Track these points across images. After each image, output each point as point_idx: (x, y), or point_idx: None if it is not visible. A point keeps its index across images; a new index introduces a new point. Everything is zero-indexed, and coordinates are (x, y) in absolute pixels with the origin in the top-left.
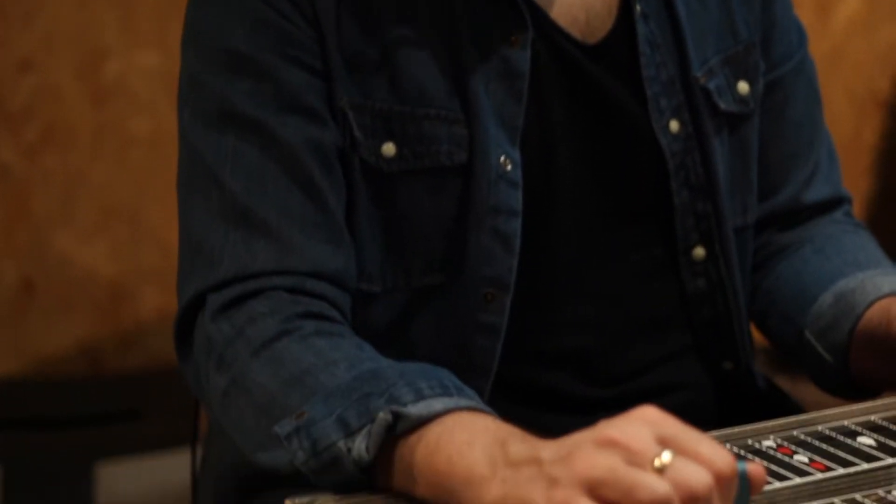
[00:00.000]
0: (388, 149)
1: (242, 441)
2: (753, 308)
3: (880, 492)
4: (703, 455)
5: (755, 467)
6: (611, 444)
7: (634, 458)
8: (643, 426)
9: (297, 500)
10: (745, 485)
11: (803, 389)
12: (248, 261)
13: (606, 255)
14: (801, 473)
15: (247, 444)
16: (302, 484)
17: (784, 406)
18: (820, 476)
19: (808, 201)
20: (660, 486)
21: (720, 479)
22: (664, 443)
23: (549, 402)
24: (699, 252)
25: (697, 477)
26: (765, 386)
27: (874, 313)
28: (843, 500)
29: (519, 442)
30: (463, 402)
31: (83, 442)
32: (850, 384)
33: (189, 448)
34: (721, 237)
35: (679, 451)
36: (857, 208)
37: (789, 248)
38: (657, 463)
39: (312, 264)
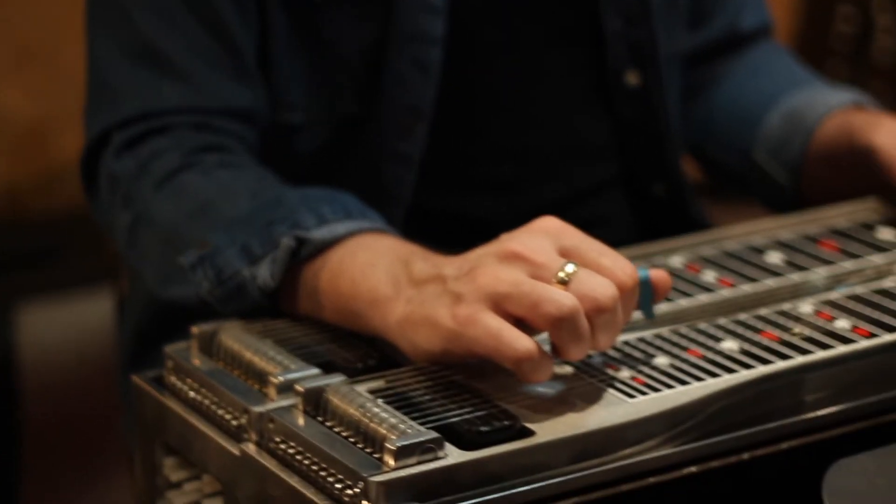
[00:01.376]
0: None
1: (149, 275)
2: (689, 140)
3: (785, 306)
4: (605, 266)
5: (658, 273)
6: (514, 258)
7: (538, 272)
8: (545, 238)
9: (203, 328)
10: (649, 290)
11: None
12: (154, 98)
13: (533, 80)
14: (709, 290)
15: (153, 277)
16: (211, 315)
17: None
18: (727, 293)
19: (742, 28)
20: (566, 298)
21: (623, 289)
22: (566, 254)
23: (469, 235)
24: (632, 79)
25: (602, 288)
26: (698, 216)
27: (829, 127)
28: (747, 316)
29: (421, 260)
30: (366, 224)
31: (3, 284)
32: (800, 200)
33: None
34: (654, 65)
35: (581, 262)
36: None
37: (723, 75)
38: (561, 275)
39: (218, 101)
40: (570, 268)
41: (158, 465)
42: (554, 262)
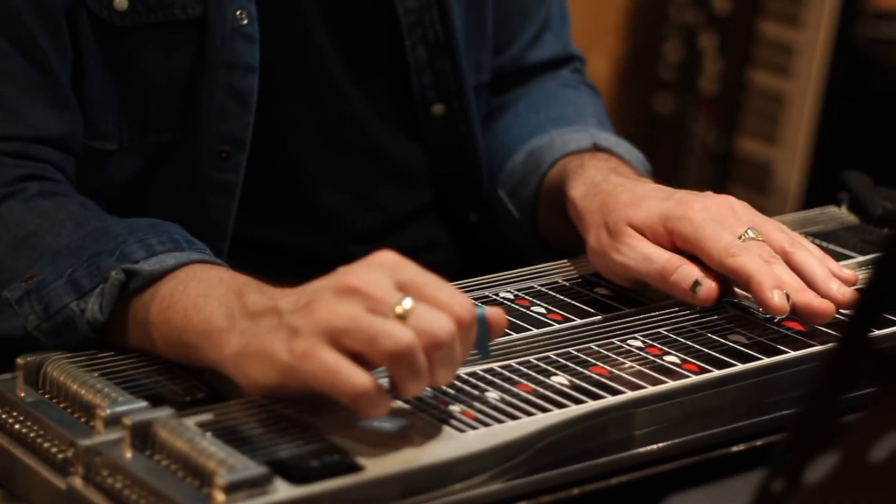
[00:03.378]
0: (121, 2)
1: None
2: None
3: (616, 341)
4: (443, 301)
5: (494, 311)
6: (350, 292)
7: (375, 306)
8: (382, 272)
9: (28, 359)
10: (484, 329)
11: None
12: None
13: (348, 109)
14: (539, 325)
15: None
16: (37, 348)
17: (527, 262)
18: (557, 326)
19: (532, 60)
20: (403, 333)
21: (461, 325)
22: (404, 288)
23: (292, 266)
24: (438, 109)
25: (439, 323)
26: (520, 243)
27: (554, 172)
28: (577, 350)
29: (256, 292)
30: (195, 255)
31: None
32: (538, 243)
33: None
34: (460, 95)
35: (419, 296)
36: (607, 67)
37: (508, 104)
38: (399, 310)
39: (36, 130)
40: (407, 302)
41: None
42: (391, 297)
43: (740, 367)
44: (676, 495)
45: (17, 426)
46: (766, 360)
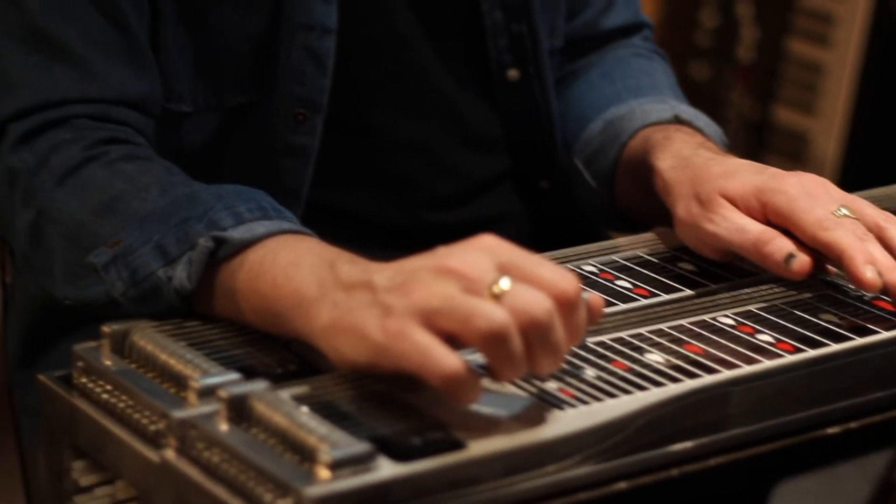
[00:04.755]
0: None
1: (56, 274)
2: None
3: (707, 318)
4: (545, 279)
5: (593, 296)
6: (448, 273)
7: (471, 286)
8: (482, 254)
9: (114, 327)
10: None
11: None
12: (50, 88)
13: (424, 73)
14: (625, 299)
15: (59, 277)
16: (117, 314)
17: (597, 235)
18: (644, 302)
19: (605, 26)
20: (497, 312)
21: (563, 302)
22: (504, 270)
23: (367, 231)
24: (513, 73)
25: (536, 302)
26: (582, 211)
27: (637, 142)
28: (670, 328)
29: (348, 263)
30: (285, 224)
31: None
32: (615, 214)
33: None
34: (536, 58)
35: (519, 277)
36: None
37: (581, 72)
38: (495, 290)
39: (116, 91)
40: (504, 283)
41: (66, 468)
42: (487, 276)
43: (834, 347)
44: (787, 481)
45: (104, 395)
46: (859, 341)
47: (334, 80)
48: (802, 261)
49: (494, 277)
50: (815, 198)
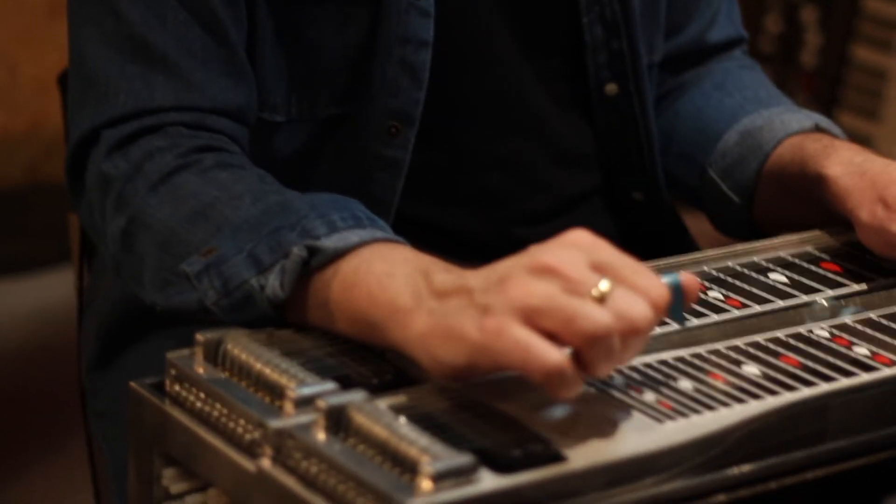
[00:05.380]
0: None
1: (144, 281)
2: None
3: (801, 330)
4: (640, 285)
5: (688, 277)
6: (546, 271)
7: (572, 287)
8: (577, 252)
9: (208, 336)
10: (680, 296)
11: (693, 225)
12: (146, 95)
13: (513, 87)
14: (718, 310)
15: (149, 283)
16: (198, 322)
17: (684, 243)
18: (737, 313)
19: (711, 40)
20: (602, 315)
21: (658, 310)
22: (600, 269)
23: (452, 247)
24: (611, 88)
25: (639, 309)
26: (671, 220)
27: (785, 151)
28: (766, 340)
29: (443, 271)
30: (378, 233)
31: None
32: (751, 224)
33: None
34: (635, 74)
35: (616, 279)
36: None
37: (689, 85)
38: (595, 292)
39: (213, 100)
40: (604, 285)
41: (157, 475)
42: (588, 278)
43: None
44: (893, 496)
45: (198, 404)
46: None
47: (429, 94)
48: None
49: (594, 279)
50: None
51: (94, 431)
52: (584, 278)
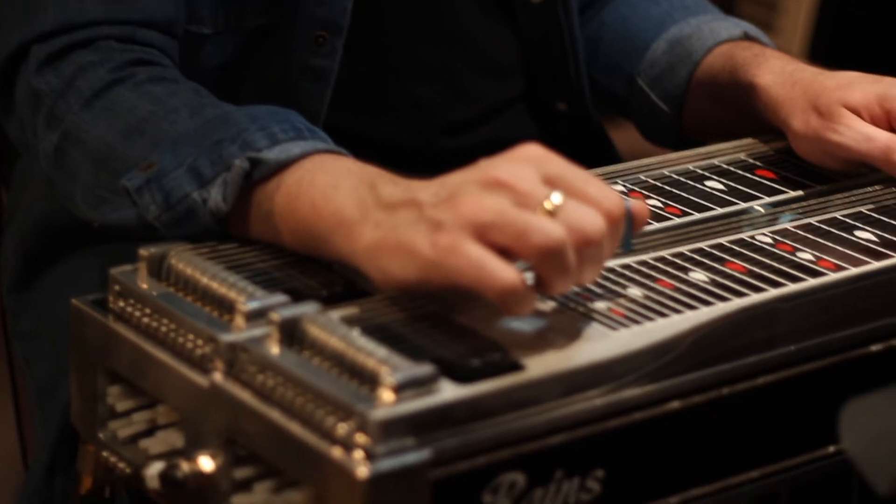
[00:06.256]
0: None
1: (79, 197)
2: None
3: (744, 236)
4: (592, 195)
5: (638, 204)
6: (497, 185)
7: (523, 200)
8: (528, 165)
9: (151, 250)
10: (629, 223)
11: (617, 137)
12: (76, 9)
13: None
14: (659, 219)
15: (83, 201)
16: (127, 240)
17: (608, 155)
18: (678, 221)
19: None
20: (554, 229)
21: (611, 221)
22: (551, 182)
23: (383, 155)
24: None
25: (590, 220)
26: (597, 132)
27: (715, 59)
28: (710, 246)
29: (390, 183)
30: (320, 144)
31: None
32: (680, 133)
33: None
34: None
35: (567, 191)
36: None
37: None
38: (547, 205)
39: (142, 13)
40: (556, 197)
41: (101, 393)
42: (539, 191)
43: (875, 264)
44: (857, 399)
45: (144, 320)
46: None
47: (356, 3)
48: None
49: (545, 191)
50: None
51: (16, 353)
52: (535, 192)
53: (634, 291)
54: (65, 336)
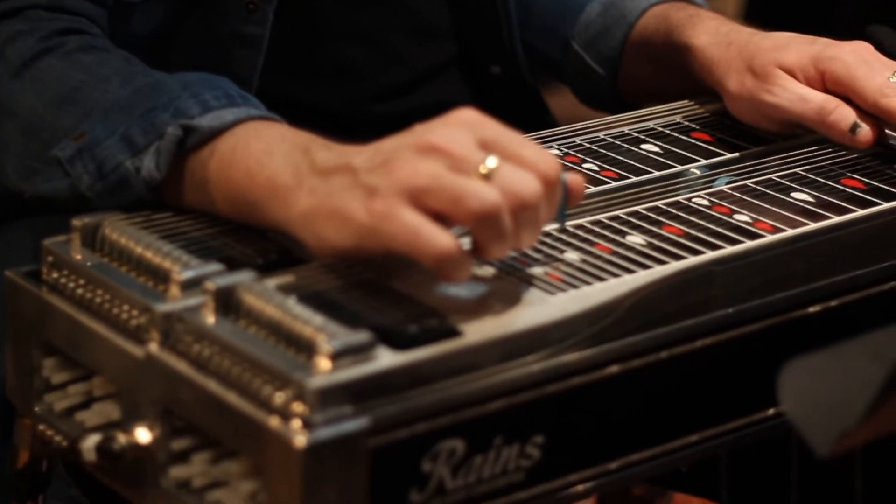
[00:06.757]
0: None
1: (9, 169)
2: None
3: (680, 199)
4: (528, 159)
5: (573, 177)
6: (432, 150)
7: (458, 165)
8: (463, 130)
9: (85, 220)
10: (564, 194)
11: (553, 102)
12: None
13: None
14: (595, 182)
15: (13, 172)
16: (55, 213)
17: (544, 120)
18: (614, 184)
19: None
20: (488, 193)
21: (547, 183)
22: (486, 146)
23: (315, 121)
24: None
25: (525, 183)
26: (532, 96)
27: (649, 21)
28: (646, 209)
29: (323, 149)
30: (253, 111)
31: None
32: (616, 96)
33: None
34: None
35: (502, 155)
36: None
37: None
38: (482, 169)
39: None
40: (491, 161)
41: (37, 366)
42: (474, 155)
43: (812, 226)
44: (796, 360)
45: (78, 291)
46: (835, 220)
47: None
48: (867, 129)
49: (480, 156)
50: (871, 65)
51: None
52: (470, 156)
53: (571, 255)
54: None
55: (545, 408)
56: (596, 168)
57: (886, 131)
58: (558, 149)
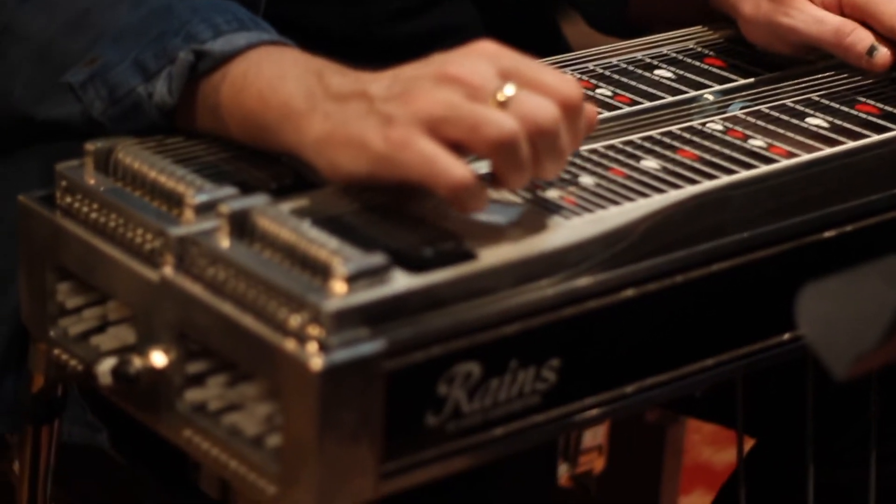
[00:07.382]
0: None
1: (19, 94)
2: None
3: (694, 124)
4: (549, 85)
5: (587, 106)
6: (450, 80)
7: (475, 93)
8: (482, 60)
9: (98, 145)
10: None
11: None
12: None
13: None
14: (609, 108)
15: (24, 97)
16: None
17: (557, 45)
18: (628, 109)
19: None
20: (505, 120)
21: (567, 108)
22: (506, 76)
23: (324, 45)
24: None
25: (542, 108)
26: (543, 18)
27: None
28: (660, 134)
29: (338, 74)
30: (265, 35)
31: None
32: (626, 21)
33: None
34: None
35: (522, 83)
36: None
37: None
38: (500, 97)
39: None
40: (508, 89)
41: (51, 290)
42: (491, 83)
43: (827, 151)
44: (812, 284)
45: (92, 215)
46: (850, 145)
47: None
48: (884, 52)
49: (498, 84)
50: None
51: None
52: (488, 84)
53: (586, 180)
54: (13, 237)
55: (561, 331)
56: (609, 93)
57: None
58: (570, 74)
